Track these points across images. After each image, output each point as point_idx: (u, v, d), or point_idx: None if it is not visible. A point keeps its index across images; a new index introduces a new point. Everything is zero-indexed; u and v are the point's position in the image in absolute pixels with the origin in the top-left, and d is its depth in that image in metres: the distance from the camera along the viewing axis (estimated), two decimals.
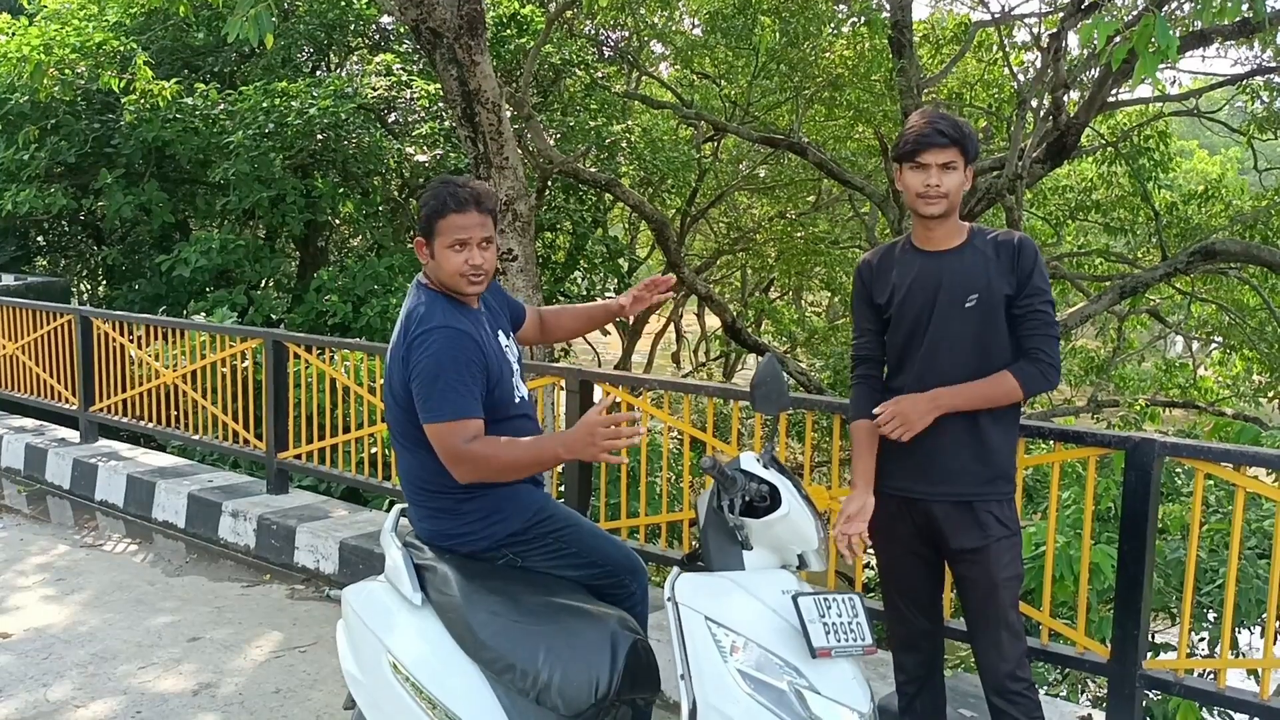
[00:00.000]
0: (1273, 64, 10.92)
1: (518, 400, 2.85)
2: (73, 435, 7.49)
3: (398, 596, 2.81)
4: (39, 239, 13.58)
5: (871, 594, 5.97)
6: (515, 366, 2.90)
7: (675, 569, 2.55)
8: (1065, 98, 9.56)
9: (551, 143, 11.10)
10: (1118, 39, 4.39)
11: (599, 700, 2.53)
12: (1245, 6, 5.94)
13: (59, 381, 7.56)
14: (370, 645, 2.78)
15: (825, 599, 2.38)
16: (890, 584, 2.96)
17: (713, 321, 20.15)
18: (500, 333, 2.91)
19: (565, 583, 2.82)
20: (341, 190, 11.87)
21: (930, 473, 2.75)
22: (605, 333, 16.78)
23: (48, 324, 7.57)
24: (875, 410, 2.77)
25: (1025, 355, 2.70)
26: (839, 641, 2.32)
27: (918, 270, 2.78)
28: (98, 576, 5.29)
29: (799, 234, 17.03)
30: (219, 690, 4.03)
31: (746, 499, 2.47)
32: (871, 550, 2.96)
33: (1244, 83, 11.86)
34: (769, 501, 2.46)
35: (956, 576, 2.83)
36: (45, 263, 13.78)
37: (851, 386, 2.94)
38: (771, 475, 2.49)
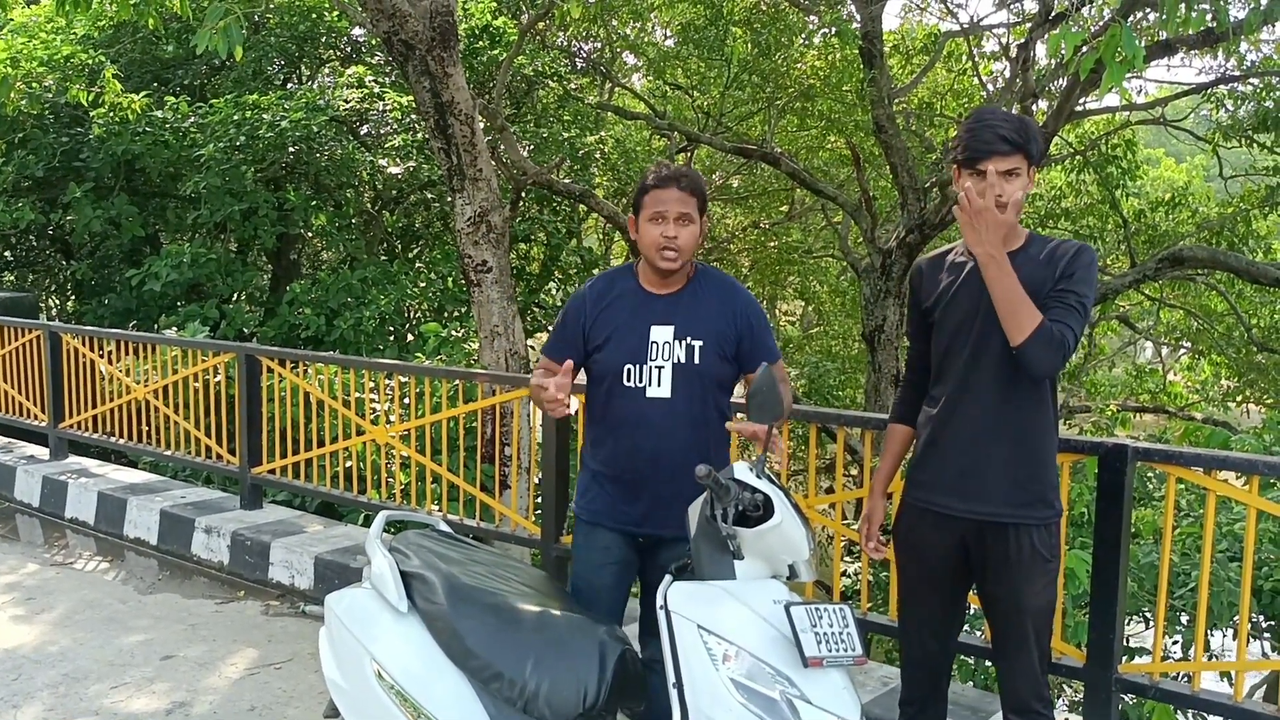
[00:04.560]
0: (1236, 73, 11.09)
1: (629, 385, 2.87)
2: (42, 452, 7.40)
3: (383, 603, 2.79)
4: (6, 254, 13.39)
5: (849, 601, 5.99)
6: (657, 360, 2.85)
7: (667, 577, 2.54)
8: (1034, 107, 9.67)
9: (525, 154, 11.09)
10: (1085, 49, 4.44)
11: (587, 710, 2.52)
12: (1209, 17, 6.03)
13: (27, 398, 7.47)
14: (354, 652, 2.75)
15: (816, 609, 2.38)
16: (907, 603, 2.88)
17: None
18: (669, 327, 2.87)
19: (554, 591, 2.84)
20: (314, 203, 11.80)
21: (968, 490, 2.63)
22: None
23: (16, 340, 7.47)
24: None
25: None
26: (830, 651, 2.32)
27: (965, 276, 2.64)
28: (68, 595, 5.21)
29: (772, 244, 17.12)
30: (193, 709, 3.98)
31: (739, 508, 2.47)
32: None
33: (1209, 91, 12.04)
34: (761, 511, 2.46)
35: (985, 595, 2.72)
36: (13, 278, 13.59)
37: (898, 388, 2.93)
38: (764, 485, 2.49)
